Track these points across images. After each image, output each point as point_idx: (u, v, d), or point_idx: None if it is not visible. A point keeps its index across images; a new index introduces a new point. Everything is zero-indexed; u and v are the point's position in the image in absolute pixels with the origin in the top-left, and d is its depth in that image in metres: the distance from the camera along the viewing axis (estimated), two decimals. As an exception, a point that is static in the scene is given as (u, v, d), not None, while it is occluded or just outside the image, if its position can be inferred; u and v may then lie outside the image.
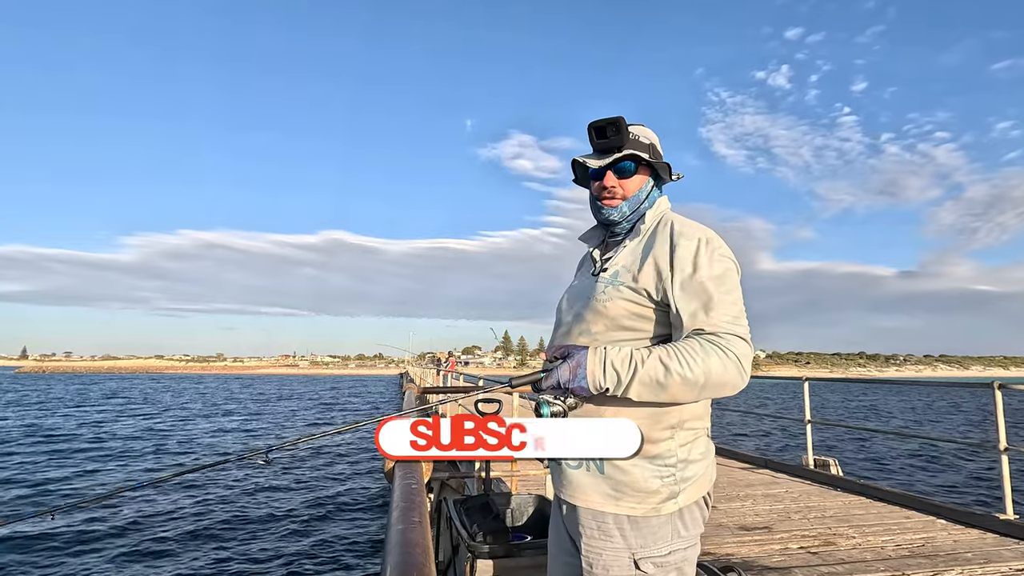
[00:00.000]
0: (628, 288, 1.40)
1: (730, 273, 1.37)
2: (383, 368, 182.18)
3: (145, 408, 35.41)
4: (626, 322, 1.40)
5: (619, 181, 1.51)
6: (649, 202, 1.53)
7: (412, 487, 1.67)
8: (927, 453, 17.79)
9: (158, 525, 9.94)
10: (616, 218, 1.53)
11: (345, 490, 12.76)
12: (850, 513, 4.71)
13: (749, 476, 6.29)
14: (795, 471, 6.36)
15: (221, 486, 12.97)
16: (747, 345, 1.29)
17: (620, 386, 1.28)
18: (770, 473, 6.45)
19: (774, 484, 5.86)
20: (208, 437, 21.72)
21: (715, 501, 5.09)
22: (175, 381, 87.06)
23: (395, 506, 1.47)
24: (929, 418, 32.02)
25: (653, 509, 1.34)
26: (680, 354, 1.26)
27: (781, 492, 5.49)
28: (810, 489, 5.62)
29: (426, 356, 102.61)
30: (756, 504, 5.03)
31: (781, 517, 4.60)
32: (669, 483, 1.36)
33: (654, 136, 1.56)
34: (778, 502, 5.09)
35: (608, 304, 1.41)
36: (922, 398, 52.99)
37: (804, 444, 6.58)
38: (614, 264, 1.46)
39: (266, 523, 10.21)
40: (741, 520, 4.51)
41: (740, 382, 1.28)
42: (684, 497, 1.36)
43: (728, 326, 1.29)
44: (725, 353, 1.26)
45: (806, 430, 6.59)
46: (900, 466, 15.53)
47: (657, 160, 1.52)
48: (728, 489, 5.61)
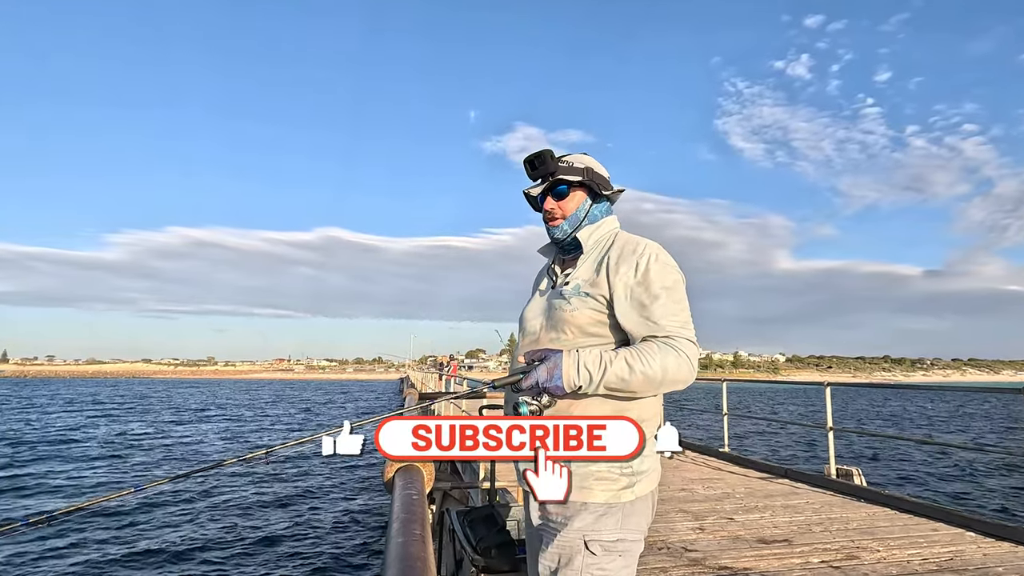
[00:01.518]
0: (590, 298, 1.66)
1: (678, 284, 1.66)
2: (383, 373, 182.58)
3: (125, 412, 35.57)
4: (591, 329, 1.66)
5: (556, 203, 1.81)
6: (590, 219, 1.81)
7: (413, 498, 1.66)
8: (956, 462, 17.70)
9: (145, 535, 9.98)
10: (560, 236, 1.82)
11: (341, 499, 12.79)
12: (874, 525, 4.69)
13: (768, 486, 6.27)
14: (816, 481, 6.34)
15: (208, 494, 13.02)
16: (695, 347, 1.58)
17: (592, 384, 1.52)
18: (790, 483, 6.44)
19: (794, 495, 5.84)
20: (189, 444, 21.79)
21: (732, 513, 5.09)
22: (166, 386, 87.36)
23: (395, 518, 1.46)
24: (958, 425, 31.86)
25: (614, 495, 1.57)
26: (642, 355, 1.52)
27: (801, 503, 5.47)
28: (832, 500, 5.60)
29: (428, 360, 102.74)
30: (775, 516, 5.01)
31: (802, 529, 4.58)
32: (627, 473, 1.58)
33: (591, 161, 1.84)
34: (798, 514, 5.08)
35: (575, 313, 1.66)
36: (950, 404, 52.72)
37: (826, 453, 6.56)
38: (575, 278, 1.72)
39: (257, 533, 10.24)
40: (760, 533, 4.49)
41: (691, 377, 1.56)
42: (640, 488, 1.60)
43: (679, 330, 1.57)
44: (678, 353, 1.53)
45: (828, 438, 6.56)
46: (927, 476, 15.46)
47: (592, 179, 1.79)
48: (746, 500, 5.60)
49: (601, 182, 1.82)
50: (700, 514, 5.04)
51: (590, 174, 1.80)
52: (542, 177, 1.83)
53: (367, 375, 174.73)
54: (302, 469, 16.46)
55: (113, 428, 27.24)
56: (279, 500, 12.85)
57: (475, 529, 3.31)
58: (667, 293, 1.61)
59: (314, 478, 15.32)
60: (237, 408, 42.73)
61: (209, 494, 13.15)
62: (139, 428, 27.53)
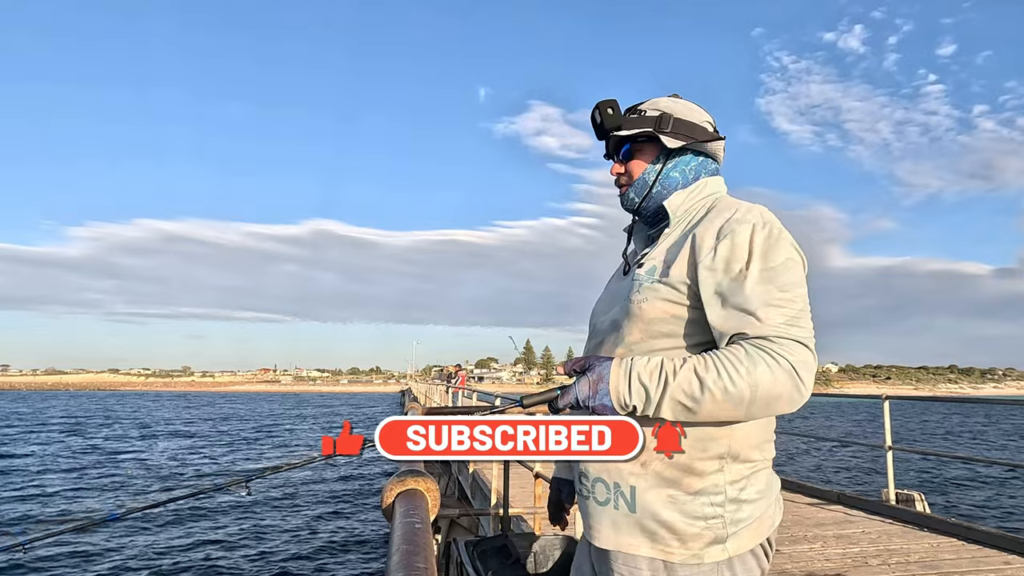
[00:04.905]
0: (666, 286, 1.36)
1: (791, 265, 1.31)
2: (381, 385, 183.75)
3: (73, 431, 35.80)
4: (665, 327, 1.36)
5: (625, 165, 1.57)
6: (663, 183, 1.52)
7: (416, 526, 1.65)
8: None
9: (116, 569, 10.07)
10: (628, 207, 1.58)
11: (335, 528, 12.85)
12: (939, 558, 4.65)
13: (818, 514, 6.25)
14: (873, 507, 6.30)
15: (184, 525, 13.10)
16: (807, 351, 1.23)
17: (650, 404, 1.25)
18: (843, 510, 6.40)
19: (848, 523, 5.81)
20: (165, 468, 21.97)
21: (778, 544, 5.05)
22: (135, 399, 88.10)
23: (395, 549, 1.46)
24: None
25: (694, 556, 1.29)
26: (720, 363, 1.22)
27: (856, 533, 5.45)
28: (891, 529, 5.57)
29: (432, 370, 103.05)
30: (827, 547, 4.99)
31: (857, 563, 4.56)
32: (715, 525, 1.30)
33: (671, 104, 1.56)
34: (853, 544, 5.06)
35: (644, 305, 1.37)
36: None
37: (884, 475, 6.52)
38: (650, 259, 1.43)
39: (236, 570, 10.28)
40: (809, 566, 4.48)
41: (797, 396, 1.22)
42: (735, 543, 1.31)
43: (783, 328, 1.23)
44: (776, 361, 1.20)
45: (886, 458, 6.53)
46: (999, 502, 15.32)
47: (666, 129, 1.51)
48: (793, 529, 5.58)
49: (686, 130, 1.51)
50: (740, 545, 5.01)
51: (665, 123, 1.51)
52: (605, 135, 1.58)
53: (363, 387, 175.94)
54: (288, 493, 16.55)
55: (48, 448, 27.13)
56: (260, 530, 12.94)
57: (486, 562, 3.32)
58: (769, 276, 1.27)
59: (303, 502, 15.42)
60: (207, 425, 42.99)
61: (180, 524, 13.24)
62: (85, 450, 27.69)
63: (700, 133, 1.52)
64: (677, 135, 1.50)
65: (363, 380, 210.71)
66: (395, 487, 1.99)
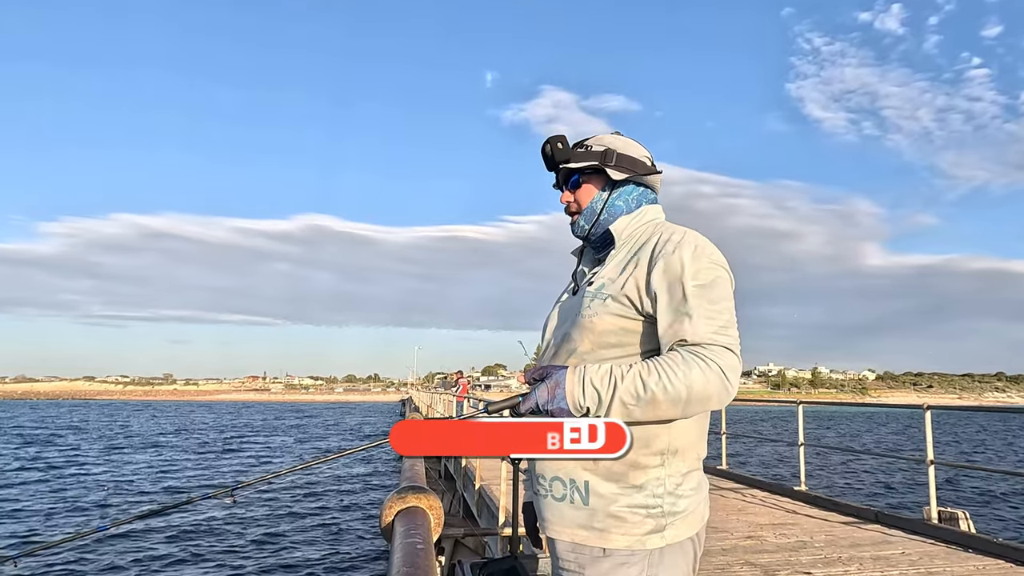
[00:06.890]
0: (614, 301, 1.66)
1: (719, 283, 1.63)
2: (379, 393, 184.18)
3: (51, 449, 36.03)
4: (613, 338, 1.67)
5: (574, 194, 1.90)
6: (609, 211, 1.85)
7: (418, 547, 1.66)
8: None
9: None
10: (578, 234, 1.91)
11: (329, 551, 12.85)
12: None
13: (854, 533, 6.26)
14: (914, 527, 6.31)
15: (165, 541, 13.14)
16: (733, 356, 1.53)
17: (602, 405, 1.52)
18: (881, 529, 6.41)
19: (886, 544, 5.82)
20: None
21: (811, 566, 5.06)
22: (112, 409, 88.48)
23: (395, 572, 1.46)
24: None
25: (638, 541, 1.57)
26: (661, 368, 1.50)
27: (896, 554, 5.45)
28: (933, 550, 5.57)
29: (435, 377, 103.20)
30: (863, 570, 5.00)
31: (896, 587, 4.54)
32: (656, 514, 1.59)
33: (614, 140, 1.89)
34: (892, 567, 5.06)
35: (594, 319, 1.68)
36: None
37: (926, 492, 6.54)
38: (599, 278, 1.74)
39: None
40: (843, 591, 4.46)
41: (725, 395, 1.51)
42: (672, 532, 1.59)
43: (713, 336, 1.54)
44: (708, 365, 1.49)
45: (928, 473, 6.55)
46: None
47: (610, 164, 1.83)
48: (827, 550, 5.58)
49: (629, 164, 1.85)
50: (770, 567, 5.03)
51: (610, 157, 1.83)
52: (555, 168, 1.91)
53: (360, 396, 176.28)
54: (277, 507, 16.59)
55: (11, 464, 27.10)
56: (250, 543, 13.00)
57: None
58: (701, 291, 1.58)
59: (294, 518, 15.43)
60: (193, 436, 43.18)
61: (163, 539, 13.30)
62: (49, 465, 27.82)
63: (640, 167, 1.86)
64: (621, 168, 1.84)
65: (360, 388, 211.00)
66: (395, 504, 1.99)
